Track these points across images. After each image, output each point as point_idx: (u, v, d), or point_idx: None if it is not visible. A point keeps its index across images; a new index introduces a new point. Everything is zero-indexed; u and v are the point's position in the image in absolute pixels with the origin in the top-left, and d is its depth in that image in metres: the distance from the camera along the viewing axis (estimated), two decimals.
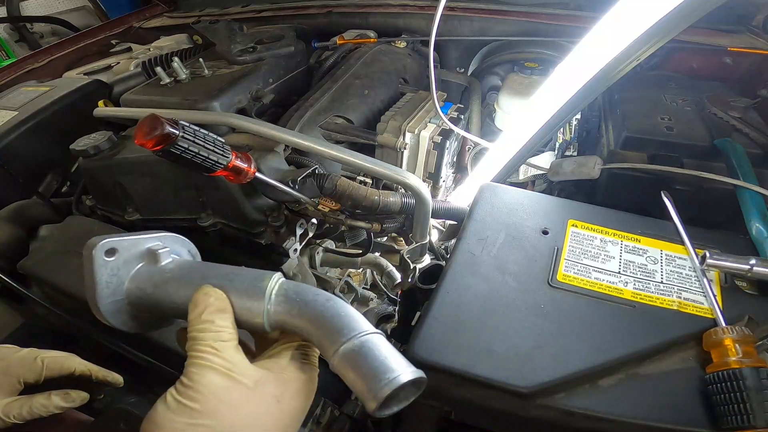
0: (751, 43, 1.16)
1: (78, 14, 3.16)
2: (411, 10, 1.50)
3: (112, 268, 0.45)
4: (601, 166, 0.89)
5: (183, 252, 0.52)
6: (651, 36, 0.68)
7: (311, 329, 0.41)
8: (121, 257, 0.46)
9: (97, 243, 0.44)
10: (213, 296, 0.43)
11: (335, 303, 0.42)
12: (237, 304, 0.43)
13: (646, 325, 0.58)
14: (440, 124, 1.11)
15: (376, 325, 0.99)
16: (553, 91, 0.86)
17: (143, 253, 0.47)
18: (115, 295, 0.46)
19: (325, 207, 0.86)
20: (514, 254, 0.67)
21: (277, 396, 0.41)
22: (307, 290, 0.43)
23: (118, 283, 0.46)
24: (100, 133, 0.96)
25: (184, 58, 1.35)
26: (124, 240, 0.46)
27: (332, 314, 0.40)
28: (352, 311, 0.42)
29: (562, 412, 0.52)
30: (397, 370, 0.36)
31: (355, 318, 0.40)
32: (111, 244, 0.45)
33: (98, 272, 0.44)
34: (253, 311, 0.43)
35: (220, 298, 0.43)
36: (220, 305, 0.43)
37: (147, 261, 0.48)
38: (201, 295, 0.43)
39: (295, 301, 0.42)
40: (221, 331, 0.41)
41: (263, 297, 0.42)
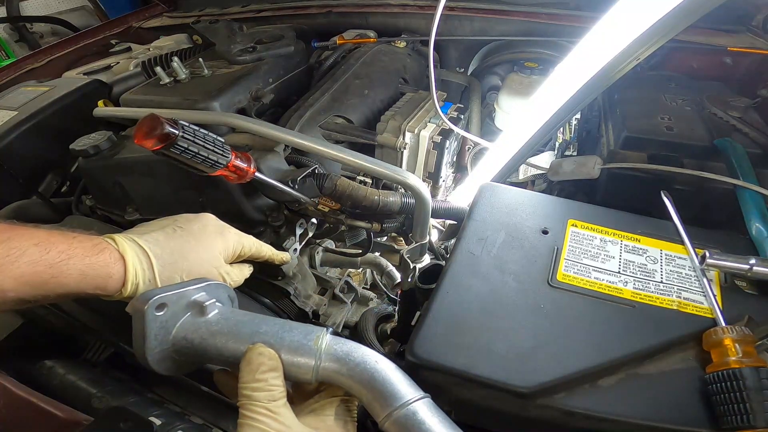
0: (751, 43, 1.16)
1: (78, 14, 3.17)
2: (411, 10, 1.50)
3: (161, 322, 0.47)
4: (601, 166, 0.89)
5: (224, 297, 0.54)
6: (651, 36, 0.68)
7: (361, 390, 0.43)
8: (169, 311, 0.47)
9: (149, 299, 0.46)
10: (266, 356, 0.44)
11: (385, 366, 0.44)
12: (286, 360, 0.45)
13: (646, 324, 0.58)
14: (440, 123, 1.11)
15: (375, 325, 0.99)
16: (553, 91, 0.86)
17: (189, 304, 0.49)
18: (162, 344, 0.48)
19: (325, 207, 0.86)
20: (514, 254, 0.67)
21: None
22: (355, 350, 0.45)
23: (165, 334, 0.48)
24: (100, 133, 0.96)
25: (184, 58, 1.35)
26: (172, 294, 0.47)
27: (383, 378, 0.42)
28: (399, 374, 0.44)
29: (562, 412, 0.52)
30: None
31: (403, 382, 0.43)
32: (161, 300, 0.46)
33: (149, 327, 0.46)
34: (302, 368, 0.45)
35: (273, 358, 0.44)
36: (273, 364, 0.44)
37: (193, 312, 0.49)
38: (255, 354, 0.44)
39: (345, 362, 0.44)
40: (273, 390, 0.43)
41: (313, 355, 0.44)
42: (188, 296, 0.49)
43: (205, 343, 0.47)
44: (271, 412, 0.42)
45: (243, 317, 0.50)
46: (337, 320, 1.13)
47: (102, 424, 0.62)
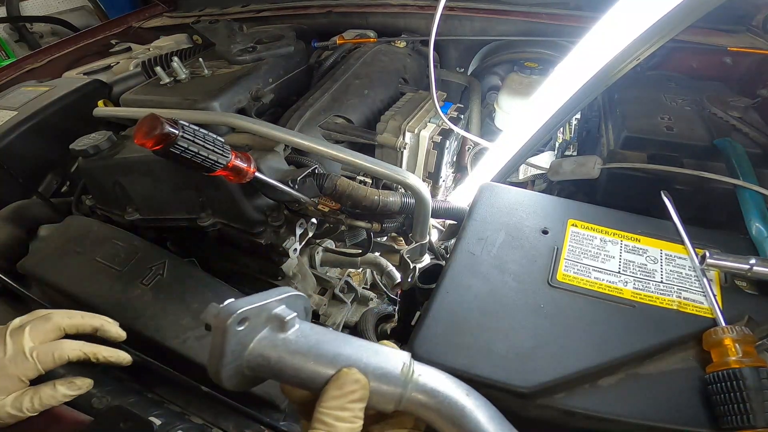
0: (751, 43, 1.16)
1: (78, 14, 3.16)
2: (411, 10, 1.50)
3: (240, 337, 0.44)
4: (601, 166, 0.89)
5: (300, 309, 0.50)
6: (651, 36, 0.68)
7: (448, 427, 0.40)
8: (250, 326, 0.44)
9: (232, 312, 0.42)
10: (361, 384, 0.41)
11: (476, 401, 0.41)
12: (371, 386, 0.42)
13: (646, 324, 0.58)
14: (440, 123, 1.11)
15: (375, 325, 0.99)
16: (553, 91, 0.86)
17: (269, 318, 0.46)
18: (236, 360, 0.44)
19: (325, 207, 0.86)
20: (514, 254, 0.67)
21: None
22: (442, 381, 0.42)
23: (242, 350, 0.44)
24: (100, 133, 0.96)
25: (184, 58, 1.35)
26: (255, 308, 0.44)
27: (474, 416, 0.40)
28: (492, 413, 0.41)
29: (562, 412, 0.52)
30: None
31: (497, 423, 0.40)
32: (245, 314, 0.43)
33: (229, 343, 0.43)
34: (386, 397, 0.42)
35: (365, 387, 0.41)
36: (363, 394, 0.41)
37: (272, 327, 0.46)
38: (350, 380, 0.40)
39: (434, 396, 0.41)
40: (355, 423, 0.40)
41: (400, 385, 0.41)
42: (269, 309, 0.45)
43: (283, 362, 0.44)
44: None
45: (324, 336, 0.46)
46: (337, 320, 1.13)
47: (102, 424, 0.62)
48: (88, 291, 0.84)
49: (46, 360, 0.57)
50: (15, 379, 0.55)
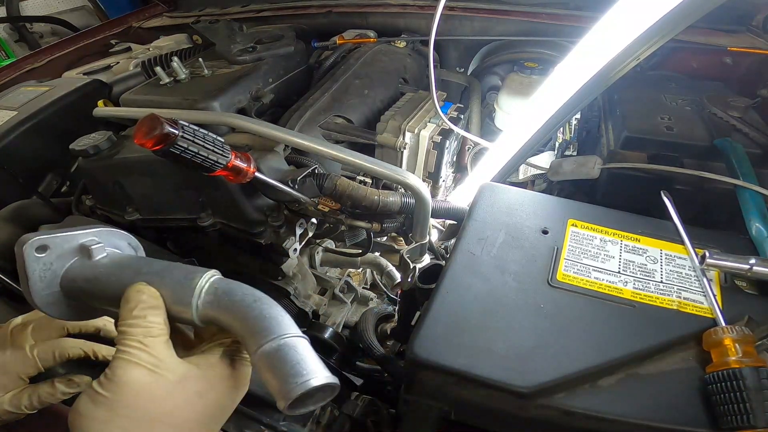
0: (751, 43, 1.16)
1: (78, 14, 3.16)
2: (411, 10, 1.50)
3: (45, 263, 0.47)
4: (601, 166, 0.89)
5: (122, 245, 0.54)
6: (651, 36, 0.68)
7: (237, 326, 0.43)
8: (53, 253, 0.48)
9: (27, 240, 0.46)
10: (146, 293, 0.44)
11: (261, 303, 0.43)
12: (168, 299, 0.45)
13: (646, 324, 0.58)
14: (440, 123, 1.11)
15: (375, 325, 0.99)
16: (553, 91, 0.86)
17: (78, 248, 0.49)
18: (50, 287, 0.48)
19: (325, 207, 0.86)
20: (514, 254, 0.67)
21: (200, 392, 0.43)
22: (237, 289, 0.45)
23: (53, 277, 0.48)
24: (100, 133, 0.96)
25: (184, 58, 1.35)
26: (56, 236, 0.48)
27: (257, 314, 0.42)
28: (278, 313, 0.43)
29: (562, 412, 0.52)
30: (309, 375, 0.38)
31: (278, 320, 0.42)
32: (41, 242, 0.47)
33: (30, 268, 0.46)
34: (182, 307, 0.44)
35: (152, 296, 0.44)
36: (152, 302, 0.44)
37: (81, 256, 0.49)
38: (133, 292, 0.44)
39: (222, 299, 0.44)
40: (151, 327, 0.43)
41: (192, 293, 0.44)
42: (75, 240, 0.49)
43: (90, 284, 0.48)
44: (144, 345, 0.42)
45: (129, 260, 0.50)
46: (337, 320, 1.13)
47: None
48: None
49: (46, 358, 0.57)
50: (14, 377, 0.55)
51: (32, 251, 0.46)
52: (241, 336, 0.42)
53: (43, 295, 0.48)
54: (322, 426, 0.76)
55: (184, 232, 1.02)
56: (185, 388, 0.43)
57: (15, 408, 0.55)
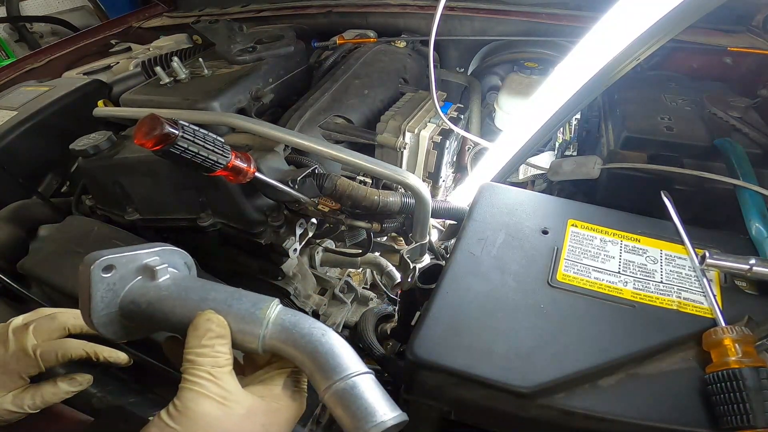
0: (751, 43, 1.16)
1: (78, 14, 3.16)
2: (411, 10, 1.50)
3: (109, 284, 0.46)
4: (601, 166, 0.89)
5: (179, 264, 0.53)
6: (651, 36, 0.68)
7: (305, 361, 0.43)
8: (117, 273, 0.47)
9: (95, 260, 0.45)
10: (215, 322, 0.44)
11: (329, 338, 0.44)
12: (234, 328, 0.44)
13: (646, 325, 0.58)
14: (440, 123, 1.11)
15: (375, 325, 0.99)
16: (553, 91, 0.86)
17: (140, 268, 0.48)
18: (108, 307, 0.47)
19: (325, 207, 0.86)
20: (514, 254, 0.67)
21: (266, 424, 0.43)
22: (304, 322, 0.45)
23: (113, 297, 0.47)
24: (100, 133, 0.96)
25: (184, 58, 1.35)
26: (122, 257, 0.46)
27: (326, 350, 0.42)
28: (345, 348, 0.43)
29: (562, 412, 0.52)
30: (382, 415, 0.39)
31: (347, 356, 0.43)
32: (108, 261, 0.45)
33: (94, 288, 0.45)
34: (248, 337, 0.44)
35: (221, 325, 0.44)
36: (220, 331, 0.43)
37: (143, 276, 0.48)
38: (203, 320, 0.44)
39: (291, 332, 0.44)
40: (219, 357, 0.43)
41: (260, 324, 0.44)
42: (139, 260, 0.48)
43: (152, 307, 0.46)
44: (213, 377, 0.41)
45: (193, 283, 0.49)
46: (337, 320, 1.13)
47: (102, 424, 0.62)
48: None
49: (49, 358, 0.57)
50: (16, 376, 0.55)
51: (99, 272, 0.45)
52: (310, 371, 0.42)
53: (101, 315, 0.47)
54: (323, 426, 0.76)
55: (184, 232, 1.02)
56: (252, 421, 0.42)
57: (18, 407, 0.55)
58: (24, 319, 0.59)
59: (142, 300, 0.47)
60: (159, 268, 0.48)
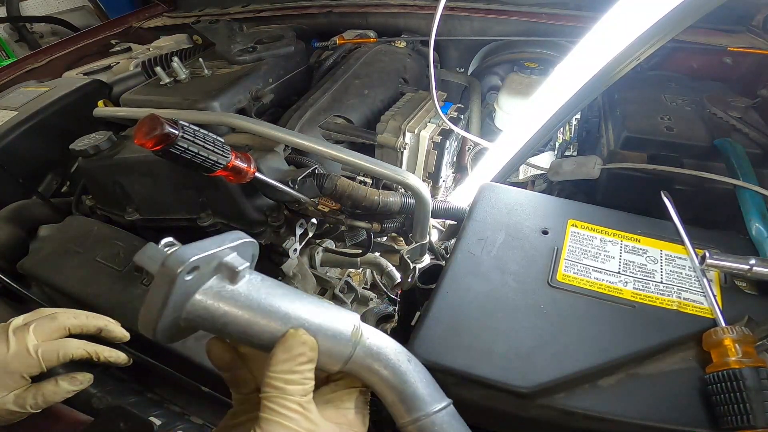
0: (751, 43, 1.16)
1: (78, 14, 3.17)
2: (411, 10, 1.50)
3: (188, 287, 0.38)
4: (601, 166, 0.89)
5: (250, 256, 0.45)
6: (651, 36, 0.68)
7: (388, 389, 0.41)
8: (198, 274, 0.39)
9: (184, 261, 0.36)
10: (309, 345, 0.39)
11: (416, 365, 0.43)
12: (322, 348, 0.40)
13: (646, 325, 0.58)
14: (440, 123, 1.11)
15: (375, 325, 0.99)
16: (553, 91, 0.86)
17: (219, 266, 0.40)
18: (175, 312, 0.39)
19: (325, 207, 0.86)
20: (514, 254, 0.67)
21: None
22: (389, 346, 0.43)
23: (184, 300, 0.39)
24: (100, 133, 0.96)
25: (184, 58, 1.35)
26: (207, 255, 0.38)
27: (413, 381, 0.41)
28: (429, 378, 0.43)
29: (562, 412, 0.52)
30: None
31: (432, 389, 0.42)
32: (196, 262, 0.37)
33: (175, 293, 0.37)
34: (333, 359, 0.41)
35: (314, 349, 0.40)
36: (312, 356, 0.39)
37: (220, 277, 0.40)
38: (298, 342, 0.39)
39: (378, 358, 0.42)
40: (307, 384, 0.39)
41: (349, 345, 0.41)
42: (220, 257, 0.40)
43: (228, 317, 0.39)
44: (303, 409, 0.38)
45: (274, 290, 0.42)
46: None
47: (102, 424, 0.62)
48: (88, 291, 0.84)
49: (50, 358, 0.57)
50: (17, 376, 0.55)
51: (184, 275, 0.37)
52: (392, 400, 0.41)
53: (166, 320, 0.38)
54: None
55: (184, 232, 1.02)
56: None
57: (20, 407, 0.55)
58: (24, 319, 0.59)
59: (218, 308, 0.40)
60: (240, 269, 0.40)
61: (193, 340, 0.78)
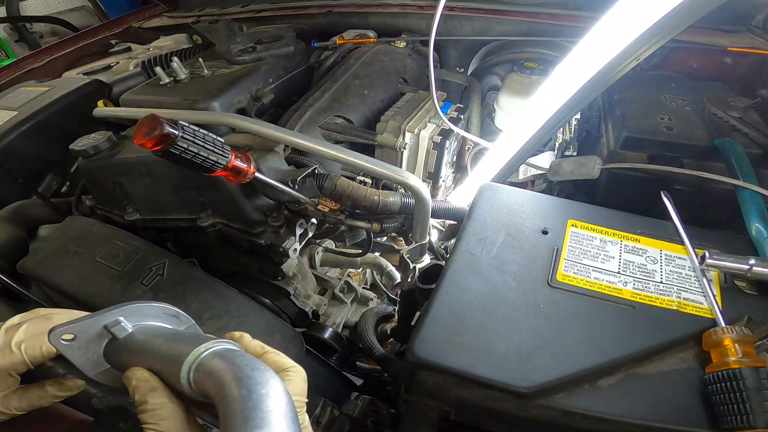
0: (751, 43, 1.16)
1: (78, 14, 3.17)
2: (411, 10, 1.50)
3: (79, 347, 0.48)
4: (601, 166, 0.89)
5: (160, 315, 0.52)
6: (651, 36, 0.68)
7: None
8: (81, 339, 0.48)
9: (53, 332, 0.47)
10: (134, 378, 0.44)
11: None
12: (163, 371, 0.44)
13: (646, 325, 0.58)
14: (440, 123, 1.11)
15: (375, 325, 0.99)
16: (553, 91, 0.86)
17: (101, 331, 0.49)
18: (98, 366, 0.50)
19: (325, 207, 0.86)
20: (514, 254, 0.67)
21: None
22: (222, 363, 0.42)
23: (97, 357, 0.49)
24: (100, 133, 0.96)
25: (184, 58, 1.35)
26: (77, 325, 0.48)
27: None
28: None
29: (562, 412, 0.52)
30: None
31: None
32: (64, 331, 0.47)
33: (68, 354, 0.48)
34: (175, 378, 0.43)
35: (141, 379, 0.44)
36: (145, 385, 0.43)
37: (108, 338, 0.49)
38: (126, 381, 0.44)
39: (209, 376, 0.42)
40: (158, 409, 0.43)
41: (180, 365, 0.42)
42: (99, 322, 0.49)
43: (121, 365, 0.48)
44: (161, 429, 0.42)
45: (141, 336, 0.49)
46: (337, 320, 1.13)
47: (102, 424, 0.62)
48: (88, 291, 0.84)
49: (33, 353, 0.56)
50: (4, 374, 0.54)
51: (58, 340, 0.47)
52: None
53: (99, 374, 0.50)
54: (322, 426, 0.76)
55: (184, 233, 1.02)
56: None
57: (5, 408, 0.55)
58: (20, 318, 0.58)
59: (111, 360, 0.49)
60: (114, 329, 0.48)
61: None
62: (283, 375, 0.44)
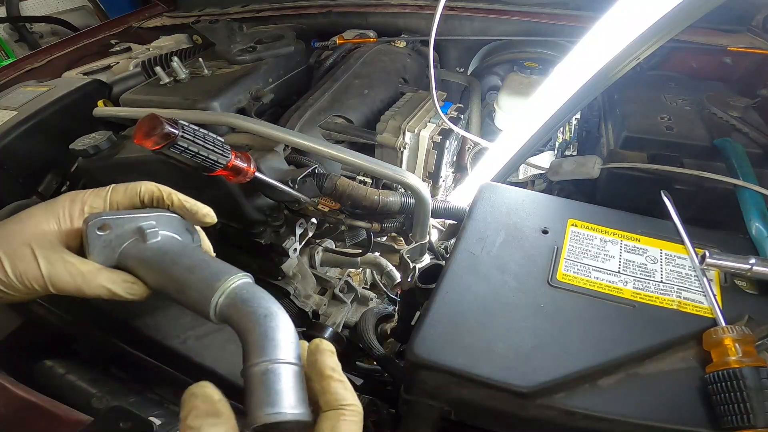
0: (751, 43, 1.16)
1: (78, 14, 3.17)
2: (411, 10, 1.50)
3: (105, 240, 0.51)
4: (601, 166, 0.89)
5: (180, 229, 0.57)
6: (651, 36, 0.68)
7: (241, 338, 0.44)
8: (113, 232, 0.52)
9: (91, 219, 0.51)
10: (200, 398, 0.39)
11: (270, 320, 0.44)
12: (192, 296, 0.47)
13: (646, 324, 0.58)
14: (440, 123, 1.11)
15: (375, 325, 0.99)
16: (553, 91, 0.86)
17: (136, 230, 0.53)
18: (108, 261, 0.52)
19: (325, 207, 0.86)
20: (514, 254, 0.67)
21: None
22: (253, 300, 0.46)
23: (111, 252, 0.52)
24: (100, 132, 0.96)
25: (184, 58, 1.35)
26: (117, 218, 0.52)
27: (261, 331, 0.43)
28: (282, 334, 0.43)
29: (562, 412, 0.52)
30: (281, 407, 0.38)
31: (278, 342, 0.42)
32: (103, 221, 0.51)
33: (91, 244, 0.51)
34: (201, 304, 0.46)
35: (207, 401, 0.38)
36: (208, 408, 0.38)
37: (137, 238, 0.53)
38: (187, 395, 0.39)
39: (237, 307, 0.45)
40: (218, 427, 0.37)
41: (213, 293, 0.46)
42: (135, 222, 0.53)
43: (137, 265, 0.52)
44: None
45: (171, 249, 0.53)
46: (337, 320, 1.13)
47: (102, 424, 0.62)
48: None
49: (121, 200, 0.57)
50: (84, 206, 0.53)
51: (94, 229, 0.51)
52: (244, 347, 0.43)
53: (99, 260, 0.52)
54: None
55: None
56: None
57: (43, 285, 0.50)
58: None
59: (132, 258, 0.52)
60: (150, 231, 0.52)
61: (194, 340, 0.78)
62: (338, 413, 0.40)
